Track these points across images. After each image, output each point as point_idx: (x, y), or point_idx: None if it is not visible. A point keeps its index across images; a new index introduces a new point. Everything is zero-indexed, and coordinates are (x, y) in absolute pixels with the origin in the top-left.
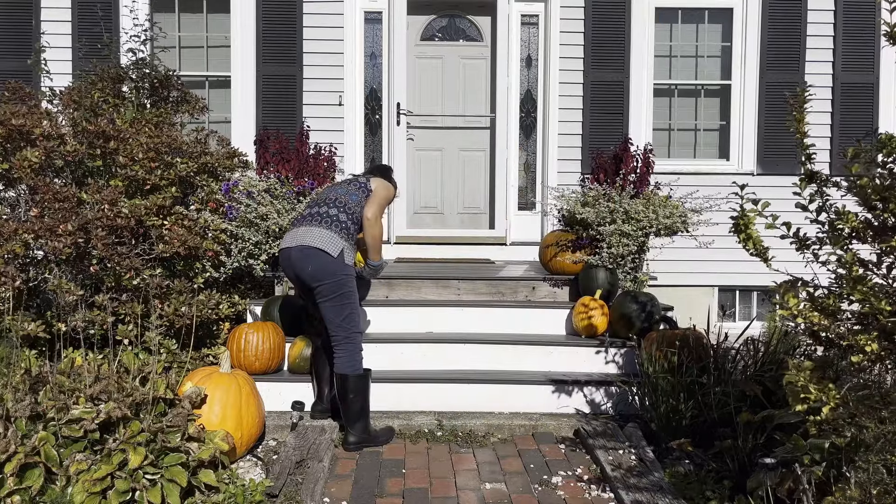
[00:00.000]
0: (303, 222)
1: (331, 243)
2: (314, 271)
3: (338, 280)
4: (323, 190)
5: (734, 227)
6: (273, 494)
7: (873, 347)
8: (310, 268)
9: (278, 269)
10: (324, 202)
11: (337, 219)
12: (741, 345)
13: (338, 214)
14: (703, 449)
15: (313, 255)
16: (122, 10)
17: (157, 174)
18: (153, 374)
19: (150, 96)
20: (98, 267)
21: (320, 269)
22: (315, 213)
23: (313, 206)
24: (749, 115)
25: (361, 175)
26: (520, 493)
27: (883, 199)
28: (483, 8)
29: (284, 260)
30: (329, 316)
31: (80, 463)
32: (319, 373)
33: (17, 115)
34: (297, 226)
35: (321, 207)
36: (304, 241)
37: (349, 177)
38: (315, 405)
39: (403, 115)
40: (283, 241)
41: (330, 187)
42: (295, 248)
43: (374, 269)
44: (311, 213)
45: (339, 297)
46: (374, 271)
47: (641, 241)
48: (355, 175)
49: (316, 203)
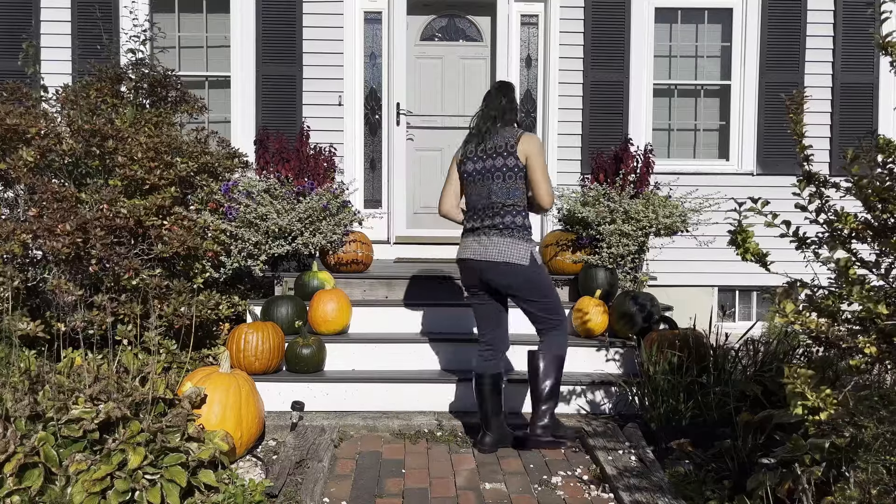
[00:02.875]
0: (481, 232)
1: (517, 253)
2: (509, 283)
3: (531, 281)
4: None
5: (731, 241)
6: (273, 494)
7: (872, 350)
8: (505, 281)
9: (278, 270)
10: (490, 208)
11: (513, 223)
12: (741, 345)
13: (513, 219)
14: (702, 449)
15: (508, 272)
16: (121, 11)
17: (156, 174)
18: (153, 374)
19: (148, 96)
20: (97, 267)
21: (515, 280)
22: (492, 226)
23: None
24: (749, 115)
25: (491, 121)
26: (519, 493)
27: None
28: (483, 8)
29: (469, 269)
30: (532, 311)
31: (79, 463)
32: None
33: (11, 115)
34: (476, 233)
35: (494, 219)
36: (488, 257)
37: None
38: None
39: (403, 115)
40: (462, 250)
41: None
42: (482, 262)
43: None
44: (487, 225)
45: (536, 293)
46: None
47: (641, 241)
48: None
49: (486, 212)
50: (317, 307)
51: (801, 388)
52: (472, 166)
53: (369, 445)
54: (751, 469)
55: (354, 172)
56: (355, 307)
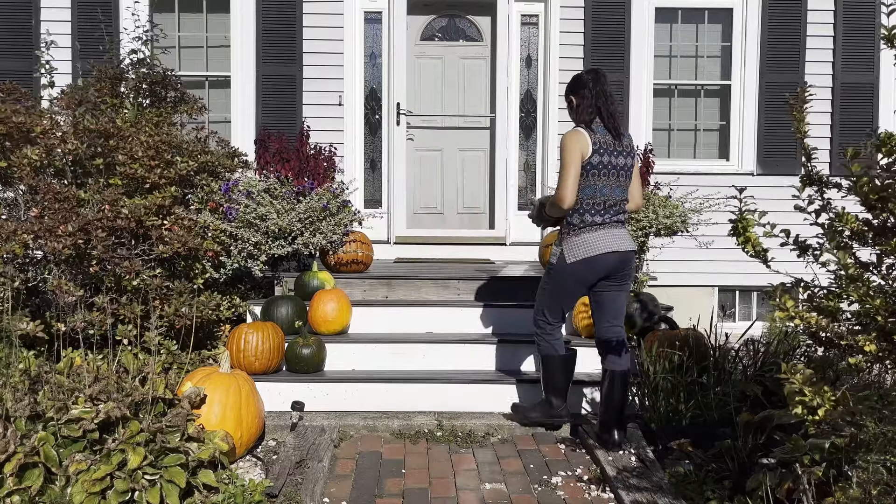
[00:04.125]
0: (607, 227)
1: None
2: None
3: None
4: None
5: (733, 230)
6: (273, 494)
7: (872, 348)
8: (624, 268)
9: (278, 270)
10: (619, 205)
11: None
12: (741, 345)
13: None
14: (703, 449)
15: (629, 256)
16: (122, 12)
17: (157, 172)
18: (152, 374)
19: (148, 96)
20: (98, 268)
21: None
22: (614, 221)
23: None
24: (749, 115)
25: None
26: (519, 493)
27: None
28: (483, 8)
29: (599, 262)
30: (619, 307)
31: (79, 463)
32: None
33: (17, 113)
34: (602, 227)
35: (617, 214)
36: (621, 247)
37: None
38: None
39: (403, 115)
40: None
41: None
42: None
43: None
44: (610, 221)
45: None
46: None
47: (641, 241)
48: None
49: (612, 208)
50: (317, 307)
51: (799, 385)
52: (611, 159)
53: (369, 445)
54: (751, 469)
55: (354, 172)
56: (355, 307)
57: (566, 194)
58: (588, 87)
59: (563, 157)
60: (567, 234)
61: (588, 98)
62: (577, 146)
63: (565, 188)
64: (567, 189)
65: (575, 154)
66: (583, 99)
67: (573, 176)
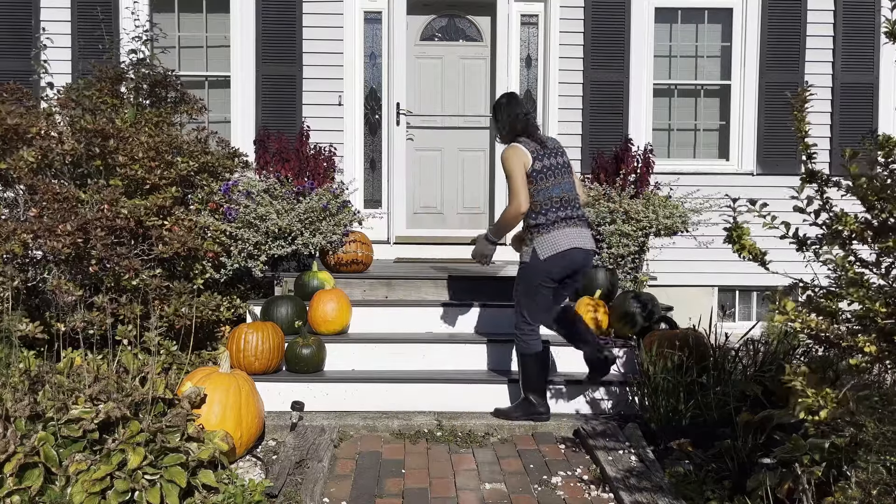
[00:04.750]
0: (573, 223)
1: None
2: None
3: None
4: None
5: (728, 239)
6: (272, 494)
7: (872, 349)
8: (587, 265)
9: (278, 270)
10: (575, 200)
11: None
12: (741, 345)
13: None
14: (702, 449)
15: (591, 256)
16: (122, 11)
17: (157, 173)
18: (152, 374)
19: (148, 96)
20: (97, 267)
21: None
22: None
23: (570, 208)
24: (749, 115)
25: (546, 138)
26: (519, 493)
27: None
28: (483, 8)
29: (568, 258)
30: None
31: (79, 463)
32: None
33: (12, 115)
34: (569, 225)
35: (577, 209)
36: (585, 245)
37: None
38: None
39: (403, 115)
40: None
41: (560, 171)
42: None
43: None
44: (573, 216)
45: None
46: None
47: (641, 242)
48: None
49: (570, 203)
50: (317, 307)
51: (802, 386)
52: (548, 161)
53: (369, 445)
54: (751, 469)
55: (354, 172)
56: (355, 307)
57: (521, 200)
58: (502, 109)
59: (509, 169)
60: (537, 234)
61: (503, 119)
62: (519, 159)
63: (519, 195)
64: (521, 195)
65: (518, 165)
66: (500, 121)
67: (522, 183)
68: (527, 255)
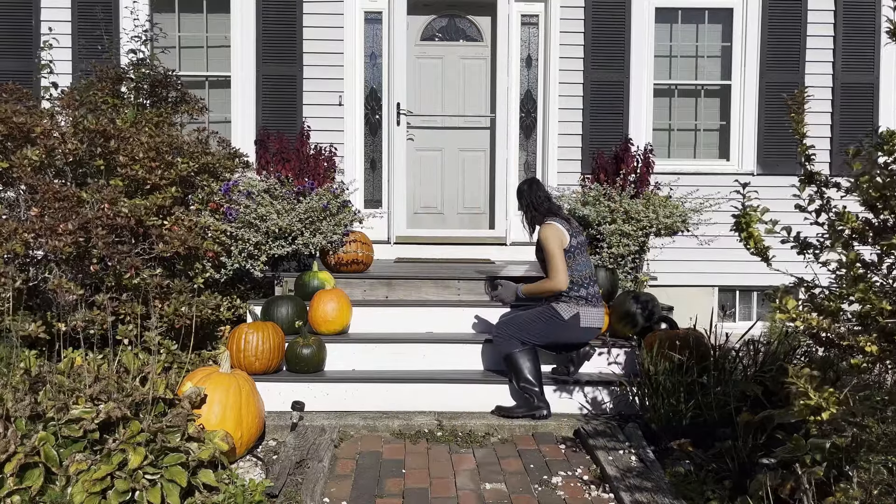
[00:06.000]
0: (600, 302)
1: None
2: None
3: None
4: (584, 256)
5: (735, 226)
6: (273, 494)
7: (873, 349)
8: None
9: (278, 270)
10: (593, 275)
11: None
12: (741, 345)
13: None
14: (703, 449)
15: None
16: (122, 11)
17: (157, 174)
18: (153, 374)
19: (149, 96)
20: (98, 266)
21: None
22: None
23: (596, 284)
24: (749, 115)
25: (568, 216)
26: (520, 493)
27: (882, 197)
28: (483, 8)
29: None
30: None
31: (79, 463)
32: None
33: (18, 114)
34: (595, 305)
35: (596, 286)
36: (597, 324)
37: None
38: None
39: (403, 115)
40: (591, 316)
41: (585, 248)
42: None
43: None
44: (598, 294)
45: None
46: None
47: (642, 241)
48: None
49: (596, 280)
50: (317, 307)
51: (805, 387)
52: (576, 240)
53: (369, 445)
54: (751, 469)
55: (354, 172)
56: (355, 307)
57: (563, 278)
58: (524, 196)
59: (550, 248)
60: (575, 304)
61: (528, 204)
62: (557, 238)
63: (560, 273)
64: (562, 273)
65: (557, 244)
66: (525, 206)
67: (562, 261)
68: (567, 313)
